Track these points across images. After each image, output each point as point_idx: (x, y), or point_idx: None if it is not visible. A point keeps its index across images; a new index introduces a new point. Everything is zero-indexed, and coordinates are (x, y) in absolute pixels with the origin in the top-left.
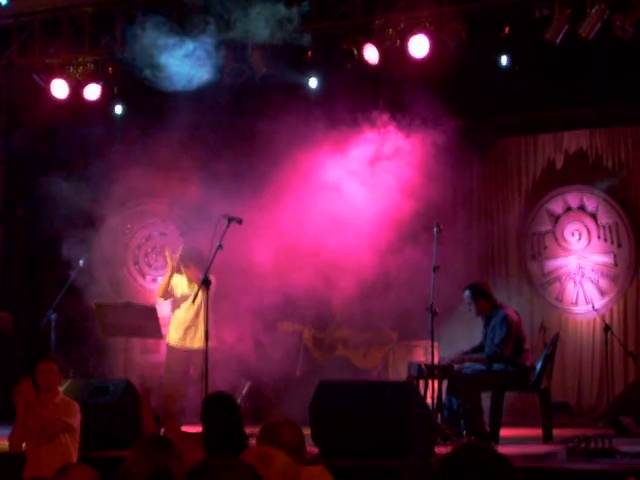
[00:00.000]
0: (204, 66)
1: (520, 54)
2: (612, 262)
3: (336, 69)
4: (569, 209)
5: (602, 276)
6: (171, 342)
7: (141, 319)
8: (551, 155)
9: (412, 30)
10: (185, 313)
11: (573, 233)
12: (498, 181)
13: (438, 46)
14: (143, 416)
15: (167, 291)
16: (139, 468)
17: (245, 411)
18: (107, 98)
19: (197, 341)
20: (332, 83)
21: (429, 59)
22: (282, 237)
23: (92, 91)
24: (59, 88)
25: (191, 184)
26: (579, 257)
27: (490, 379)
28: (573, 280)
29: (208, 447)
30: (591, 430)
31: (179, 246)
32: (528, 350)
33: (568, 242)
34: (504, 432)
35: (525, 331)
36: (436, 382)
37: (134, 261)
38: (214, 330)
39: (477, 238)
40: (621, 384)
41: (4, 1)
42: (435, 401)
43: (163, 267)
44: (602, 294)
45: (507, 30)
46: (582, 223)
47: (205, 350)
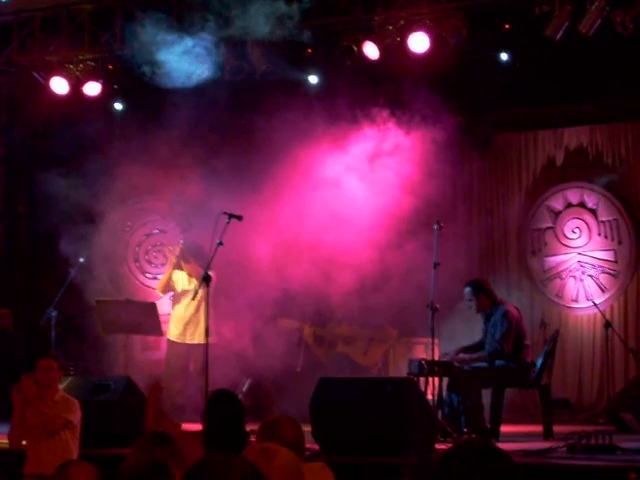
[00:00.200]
0: (204, 63)
1: (520, 50)
2: (612, 259)
3: (336, 66)
4: (569, 205)
5: (602, 273)
6: (171, 337)
7: (141, 316)
8: (551, 151)
9: (412, 27)
10: (185, 309)
11: (573, 230)
12: (498, 177)
13: (438, 43)
14: (147, 415)
15: (167, 286)
16: (139, 463)
17: (246, 408)
18: (107, 95)
19: (197, 336)
20: (332, 80)
21: (429, 56)
22: (282, 233)
23: (92, 88)
24: (59, 85)
25: (191, 181)
26: (579, 254)
27: (490, 376)
28: (573, 276)
29: (209, 445)
30: (591, 426)
31: (179, 241)
32: (529, 346)
33: (568, 239)
34: (504, 429)
35: (526, 327)
36: (436, 379)
37: (134, 258)
38: (214, 326)
39: (477, 234)
40: (621, 381)
41: None
42: (436, 398)
43: (163, 264)
44: (602, 291)
45: (507, 26)
46: (582, 220)
47: (205, 346)
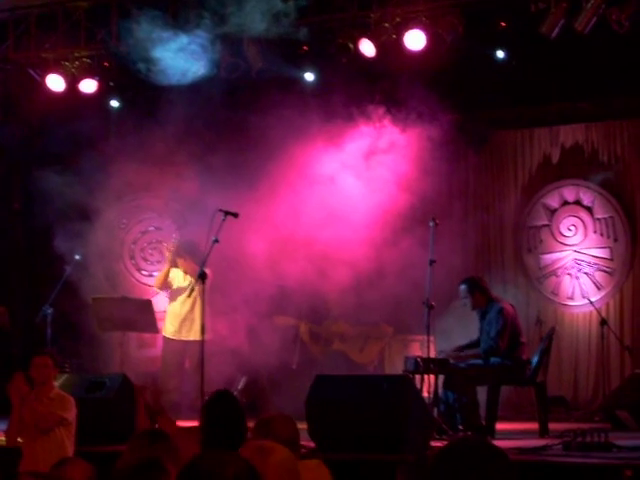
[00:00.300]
0: (200, 60)
1: (516, 48)
2: (608, 256)
3: (332, 63)
4: (565, 203)
5: (598, 270)
6: (167, 334)
7: (137, 313)
8: (547, 149)
9: (408, 24)
10: (181, 306)
11: (569, 227)
12: (494, 175)
13: (434, 40)
14: (137, 413)
15: (164, 282)
16: (133, 461)
17: (241, 405)
18: (103, 93)
19: (193, 333)
20: (328, 77)
21: (425, 53)
22: (278, 230)
23: (88, 85)
24: (55, 83)
25: (187, 178)
26: (575, 251)
27: (486, 373)
28: (569, 274)
29: (205, 444)
30: (587, 424)
31: (173, 238)
32: (524, 344)
33: (564, 236)
34: (500, 426)
35: (521, 324)
36: (432, 376)
37: (130, 256)
38: (210, 323)
39: (473, 231)
40: (617, 378)
41: None
42: (431, 395)
43: (159, 262)
44: (598, 288)
45: (503, 24)
46: (578, 217)
47: (201, 343)
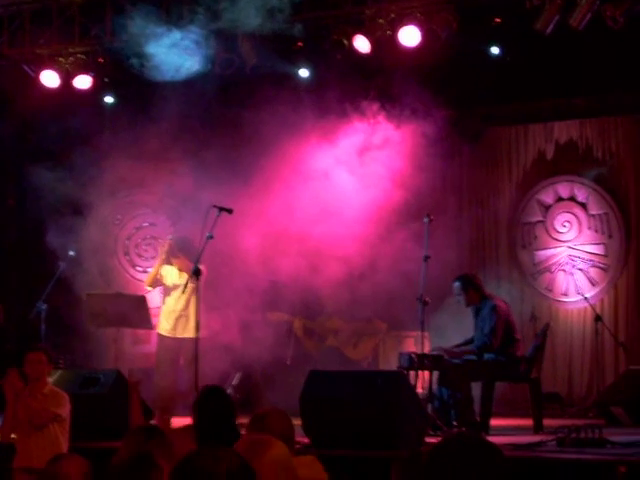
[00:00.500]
0: (194, 56)
1: (511, 44)
2: (602, 252)
3: (327, 59)
4: (560, 199)
5: (592, 266)
6: (161, 332)
7: (131, 309)
8: (541, 145)
9: (403, 20)
10: (175, 303)
11: (564, 223)
12: (488, 171)
13: (429, 36)
14: (131, 409)
15: (155, 280)
16: (126, 456)
17: (235, 401)
18: (97, 88)
19: (187, 331)
20: (322, 73)
21: (420, 49)
22: (272, 226)
23: (82, 81)
24: (49, 78)
25: (181, 174)
26: (570, 247)
27: (480, 369)
28: (563, 270)
29: (200, 440)
30: (581, 420)
31: (168, 237)
32: (519, 340)
33: (559, 232)
34: (494, 422)
35: (515, 321)
36: (427, 372)
37: (124, 252)
38: (204, 320)
39: (467, 227)
40: (611, 374)
41: None
42: (426, 391)
43: (154, 258)
44: (593, 284)
45: (498, 20)
46: (572, 213)
47: (195, 340)
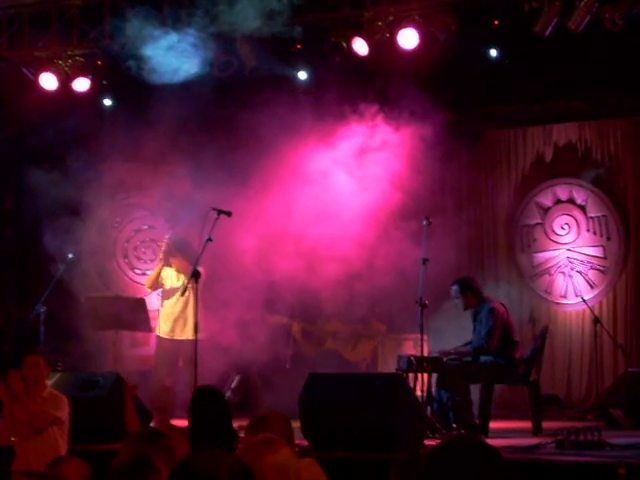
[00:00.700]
0: (192, 59)
1: (509, 47)
2: (601, 255)
3: (325, 62)
4: (558, 201)
5: (591, 269)
6: (160, 334)
7: (130, 312)
8: (540, 148)
9: (401, 23)
10: (174, 305)
11: (562, 226)
12: (487, 173)
13: (427, 39)
14: (127, 411)
15: (156, 282)
16: (125, 459)
17: (234, 404)
18: (96, 91)
19: (186, 333)
20: (321, 76)
21: (418, 52)
22: (270, 229)
23: (81, 84)
24: (48, 81)
25: (180, 177)
26: (568, 250)
27: (479, 372)
28: (562, 272)
29: (195, 441)
30: (580, 422)
31: (165, 236)
32: (517, 342)
33: (557, 235)
34: (493, 425)
35: (514, 323)
36: (425, 375)
37: (123, 254)
38: (203, 322)
39: (466, 230)
40: (610, 377)
41: None
42: (425, 394)
43: (152, 260)
44: (591, 287)
45: (496, 22)
46: (571, 216)
47: (194, 342)
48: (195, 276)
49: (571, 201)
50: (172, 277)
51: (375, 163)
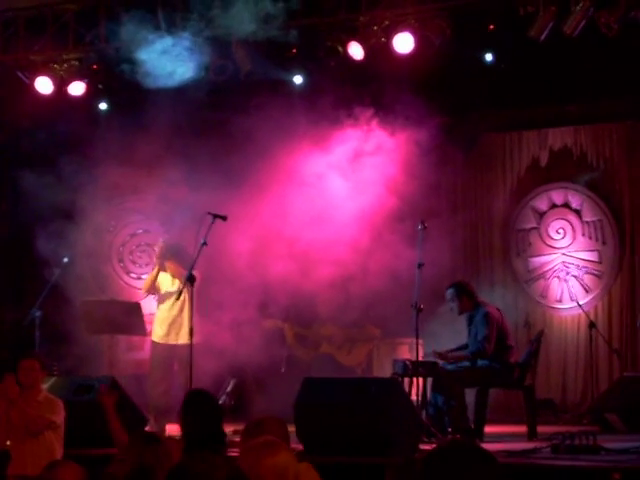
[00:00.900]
0: (188, 63)
1: (505, 51)
2: (597, 259)
3: (321, 66)
4: (554, 206)
5: (587, 273)
6: (155, 338)
7: (125, 316)
8: (536, 152)
9: (397, 27)
10: (169, 309)
11: (558, 230)
12: (482, 177)
13: (423, 43)
14: (112, 428)
15: (153, 286)
16: (127, 466)
17: (230, 408)
18: (91, 95)
19: (181, 337)
20: (317, 80)
21: (414, 56)
22: (265, 233)
23: (76, 88)
24: (43, 85)
25: (175, 181)
26: (564, 254)
27: (474, 376)
28: (558, 277)
29: (187, 445)
30: (576, 427)
31: (160, 241)
32: (512, 347)
33: (553, 239)
34: (488, 429)
35: (508, 327)
36: (421, 379)
37: (118, 258)
38: (198, 326)
39: (461, 234)
40: (605, 381)
41: None
42: (420, 398)
43: (148, 264)
44: (587, 291)
45: (492, 27)
46: (567, 220)
47: (189, 346)
48: (190, 280)
49: (566, 205)
50: (167, 282)
51: (370, 167)
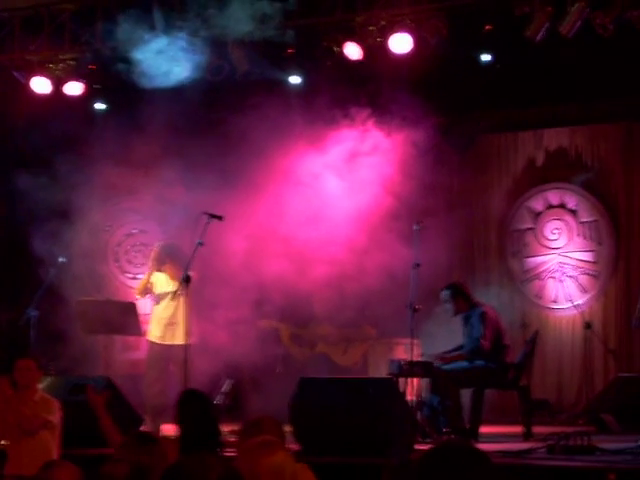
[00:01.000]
0: (185, 63)
1: (501, 51)
2: (592, 260)
3: (317, 66)
4: (550, 206)
5: (582, 274)
6: (151, 338)
7: (121, 316)
8: (531, 152)
9: (393, 27)
10: (164, 310)
11: (553, 231)
12: (478, 178)
13: (419, 43)
14: (103, 427)
15: (145, 289)
16: (123, 466)
17: (225, 408)
18: (88, 95)
19: (177, 337)
20: (313, 80)
21: (410, 56)
22: (261, 232)
23: (73, 88)
24: (39, 85)
25: (171, 181)
26: (559, 255)
27: (470, 376)
28: (553, 277)
29: (182, 445)
30: (571, 427)
31: (156, 242)
32: (508, 346)
33: (548, 239)
34: (484, 429)
35: (504, 327)
36: (416, 379)
37: (114, 258)
38: (194, 326)
39: (457, 235)
40: (601, 381)
41: None
42: (415, 398)
43: (143, 264)
44: (583, 292)
45: (488, 27)
46: (563, 220)
47: (185, 346)
48: (186, 280)
49: (562, 206)
50: (162, 282)
51: (367, 167)
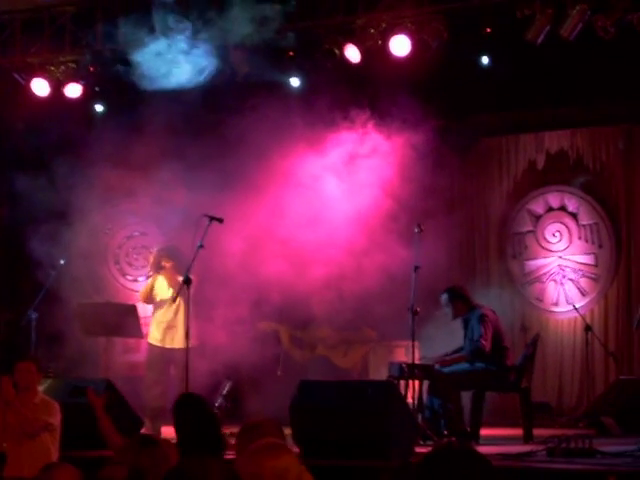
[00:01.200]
0: (184, 65)
1: (501, 54)
2: (593, 262)
3: (317, 69)
4: (550, 209)
5: (583, 277)
6: (152, 341)
7: (122, 318)
8: (532, 155)
9: (393, 30)
10: (164, 313)
11: (554, 233)
12: (479, 181)
13: (419, 46)
14: (102, 430)
15: (150, 296)
16: (122, 469)
17: (226, 411)
18: (88, 97)
19: (177, 340)
20: (313, 82)
21: (410, 59)
22: (261, 234)
23: (73, 90)
24: (40, 87)
25: (171, 183)
26: (560, 257)
27: (471, 379)
28: (554, 280)
29: (182, 448)
30: (572, 430)
31: (156, 245)
32: (507, 349)
33: (549, 242)
34: (484, 432)
35: (504, 329)
36: (417, 382)
37: (115, 260)
38: (194, 329)
39: (457, 237)
40: (601, 384)
41: None
42: (416, 401)
43: (144, 267)
44: (583, 294)
45: (488, 30)
46: (563, 223)
47: (185, 349)
48: (187, 283)
49: (563, 209)
50: (162, 288)
51: (366, 170)
